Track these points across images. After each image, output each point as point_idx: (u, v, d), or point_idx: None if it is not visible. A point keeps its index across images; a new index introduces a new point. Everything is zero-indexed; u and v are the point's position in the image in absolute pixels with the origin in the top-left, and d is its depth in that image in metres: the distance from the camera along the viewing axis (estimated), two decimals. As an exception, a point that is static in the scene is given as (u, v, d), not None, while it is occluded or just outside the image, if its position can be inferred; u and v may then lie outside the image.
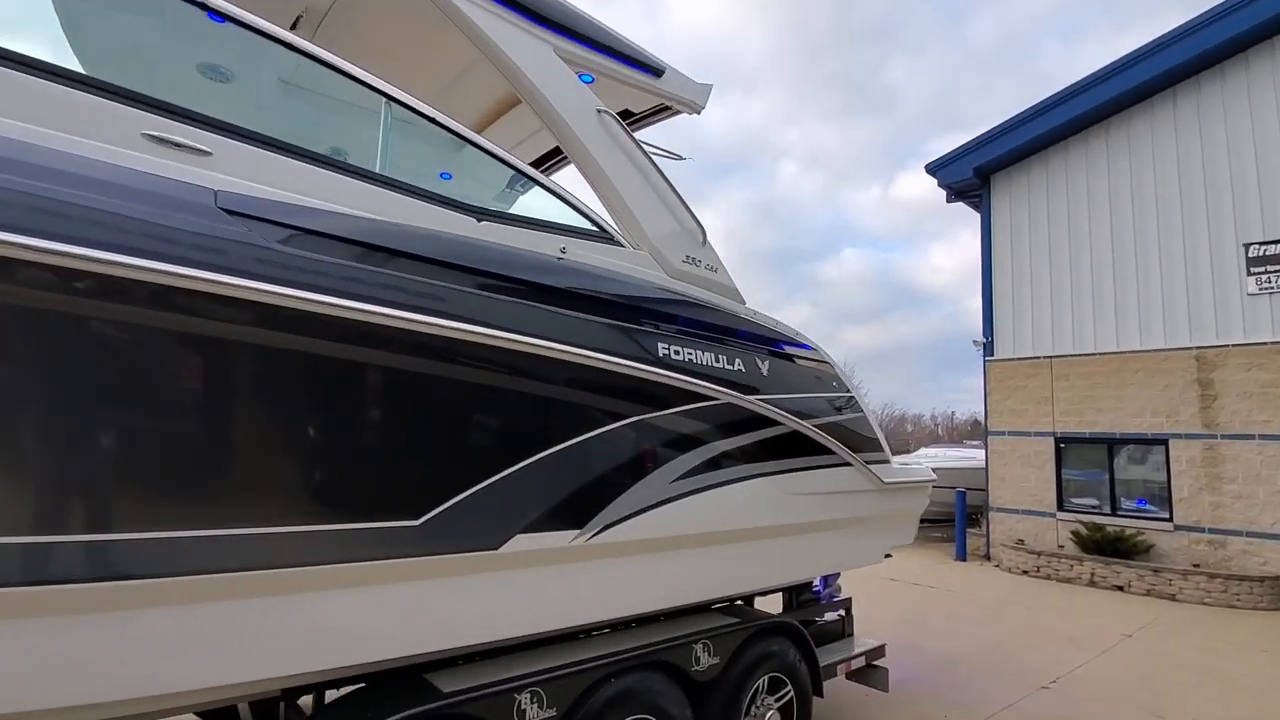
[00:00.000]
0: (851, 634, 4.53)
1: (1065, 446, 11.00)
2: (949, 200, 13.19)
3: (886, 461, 4.10)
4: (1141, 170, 10.74)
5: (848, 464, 3.72)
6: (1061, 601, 8.57)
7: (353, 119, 2.45)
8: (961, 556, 11.51)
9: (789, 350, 3.65)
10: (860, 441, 3.92)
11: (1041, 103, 11.57)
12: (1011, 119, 11.88)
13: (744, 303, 3.57)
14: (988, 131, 12.18)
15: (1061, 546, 10.44)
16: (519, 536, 2.36)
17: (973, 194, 12.83)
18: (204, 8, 2.01)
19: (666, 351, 2.85)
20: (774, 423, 3.30)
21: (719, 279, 3.41)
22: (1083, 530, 10.14)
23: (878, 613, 7.24)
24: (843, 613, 4.52)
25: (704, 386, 2.94)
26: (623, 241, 3.00)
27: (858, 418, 3.95)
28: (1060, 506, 10.87)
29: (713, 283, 3.36)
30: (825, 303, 75.33)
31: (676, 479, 2.87)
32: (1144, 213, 10.63)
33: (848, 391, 3.98)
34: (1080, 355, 10.92)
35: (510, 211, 2.60)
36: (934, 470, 4.84)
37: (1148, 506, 10.22)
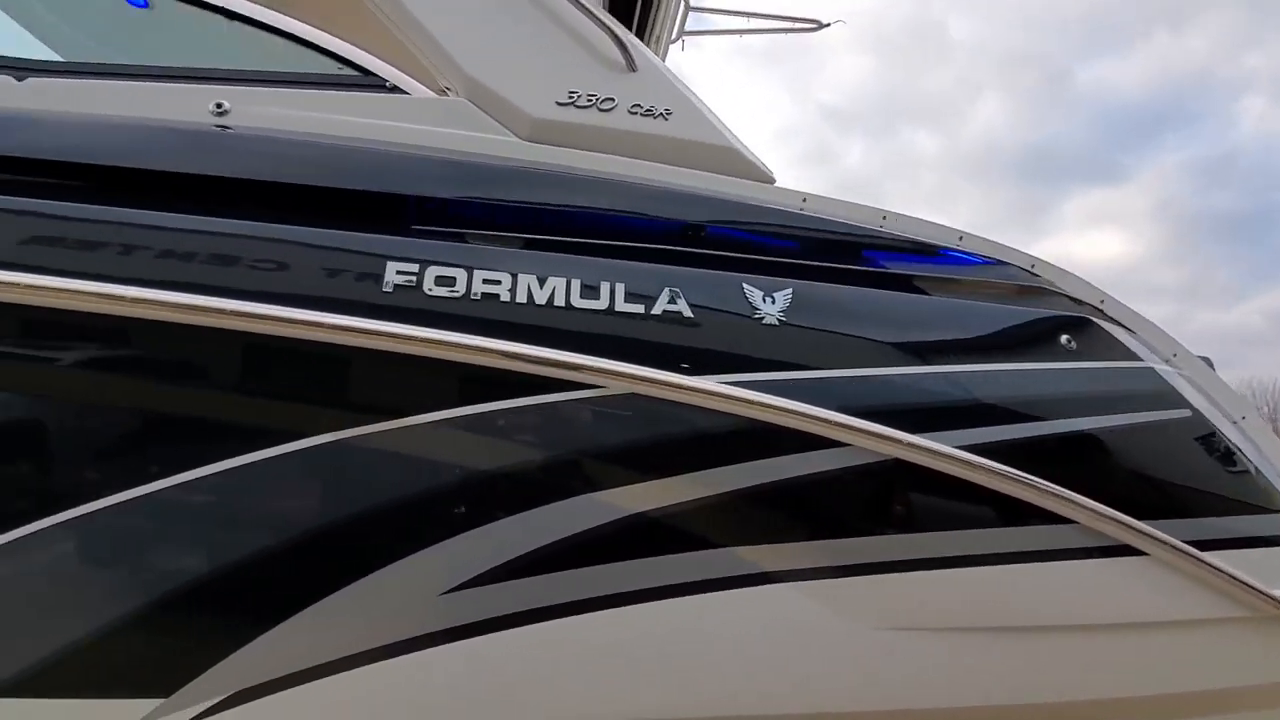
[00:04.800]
0: None
1: None
2: None
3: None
4: None
5: (1122, 550, 1.34)
6: None
7: None
8: None
9: (892, 268, 1.53)
10: (1195, 485, 1.46)
11: None
12: None
13: (770, 178, 1.62)
14: None
15: None
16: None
17: None
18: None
19: (464, 285, 1.24)
20: (810, 442, 1.28)
21: (674, 131, 1.56)
22: None
23: None
24: None
25: (539, 359, 1.20)
26: (400, 85, 1.48)
27: (1179, 428, 1.49)
28: None
29: (653, 140, 1.54)
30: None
31: (467, 584, 1.19)
32: None
33: (1157, 360, 1.56)
34: None
35: (99, 62, 1.39)
36: None
37: None
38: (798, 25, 2.51)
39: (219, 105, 1.37)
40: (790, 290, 1.38)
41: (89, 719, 1.10)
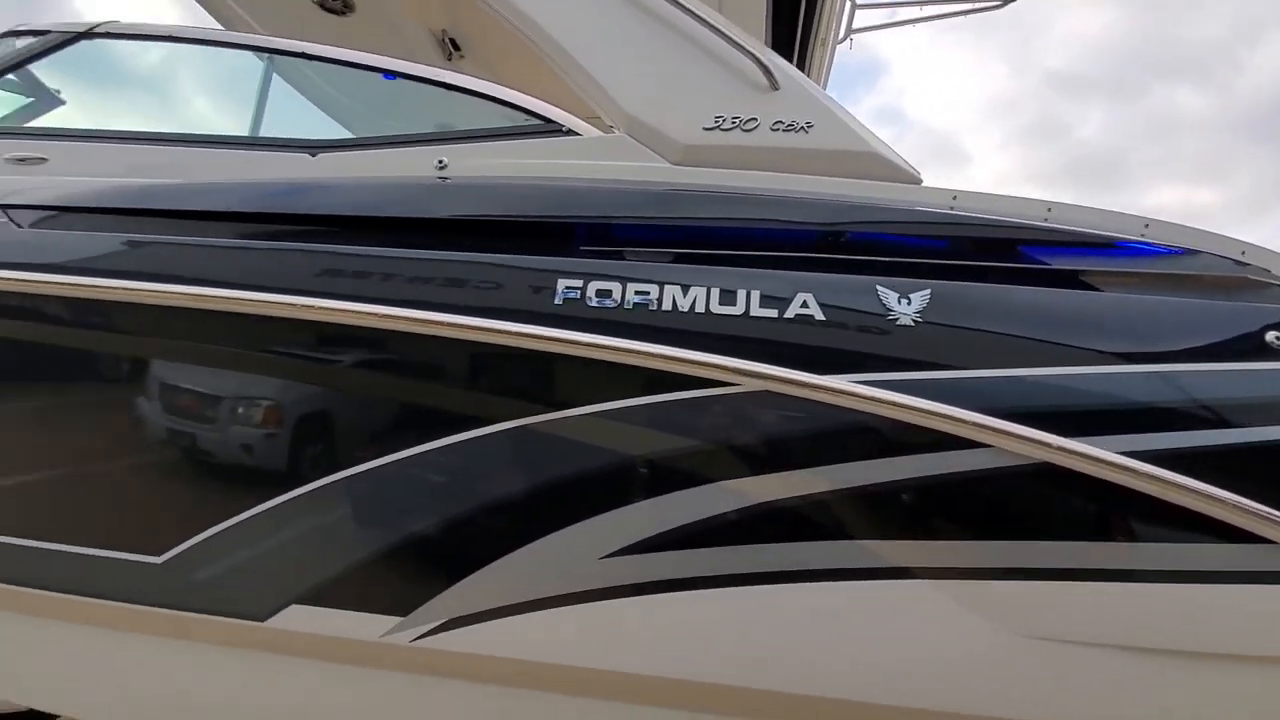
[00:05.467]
0: None
1: None
2: None
3: None
4: None
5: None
6: None
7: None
8: None
9: (1055, 263, 1.45)
10: None
11: None
12: None
13: (916, 179, 1.62)
14: None
15: None
16: (296, 609, 1.51)
17: None
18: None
19: (619, 296, 1.45)
20: (946, 442, 1.29)
21: (816, 143, 1.62)
22: None
23: None
24: None
25: (678, 358, 1.38)
26: (575, 128, 1.74)
27: None
28: None
29: (795, 153, 1.62)
30: None
31: (621, 552, 1.40)
32: None
33: None
34: None
35: (364, 135, 1.83)
36: None
37: None
38: (978, 6, 2.35)
39: (440, 162, 1.74)
40: (928, 291, 1.39)
41: (351, 626, 1.49)
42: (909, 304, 1.38)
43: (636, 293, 1.44)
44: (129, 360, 1.65)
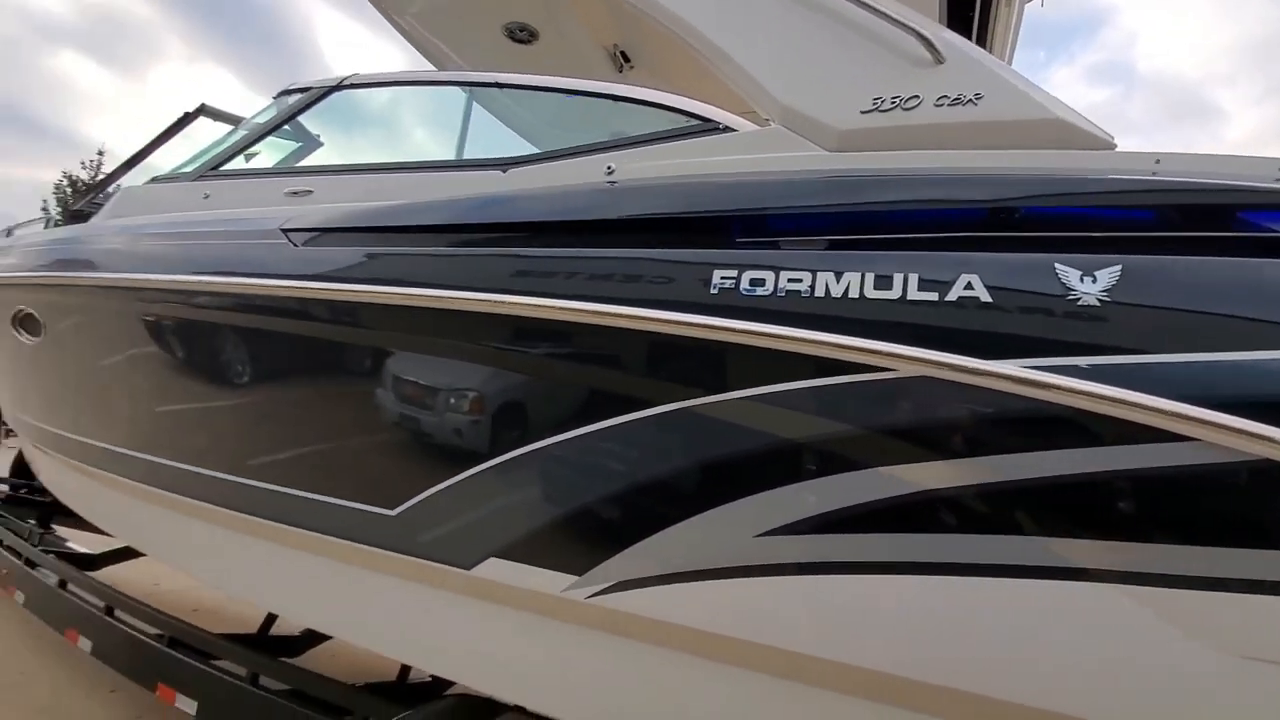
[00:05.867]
0: None
1: None
2: None
3: None
4: None
5: None
6: None
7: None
8: None
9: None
10: None
11: None
12: None
13: (1109, 144, 1.45)
14: None
15: None
16: (493, 561, 1.77)
17: None
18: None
19: (771, 284, 1.50)
20: (1137, 434, 1.17)
21: (986, 115, 1.51)
22: None
23: None
24: None
25: (860, 347, 1.39)
26: (731, 125, 1.80)
27: None
28: None
29: (963, 128, 1.53)
30: None
31: (775, 531, 1.45)
32: None
33: None
34: None
35: (546, 150, 2.05)
36: None
37: None
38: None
39: (609, 168, 1.91)
40: (1118, 268, 1.26)
41: (537, 579, 1.70)
42: (1093, 282, 1.27)
43: (789, 280, 1.47)
44: (375, 351, 2.02)
